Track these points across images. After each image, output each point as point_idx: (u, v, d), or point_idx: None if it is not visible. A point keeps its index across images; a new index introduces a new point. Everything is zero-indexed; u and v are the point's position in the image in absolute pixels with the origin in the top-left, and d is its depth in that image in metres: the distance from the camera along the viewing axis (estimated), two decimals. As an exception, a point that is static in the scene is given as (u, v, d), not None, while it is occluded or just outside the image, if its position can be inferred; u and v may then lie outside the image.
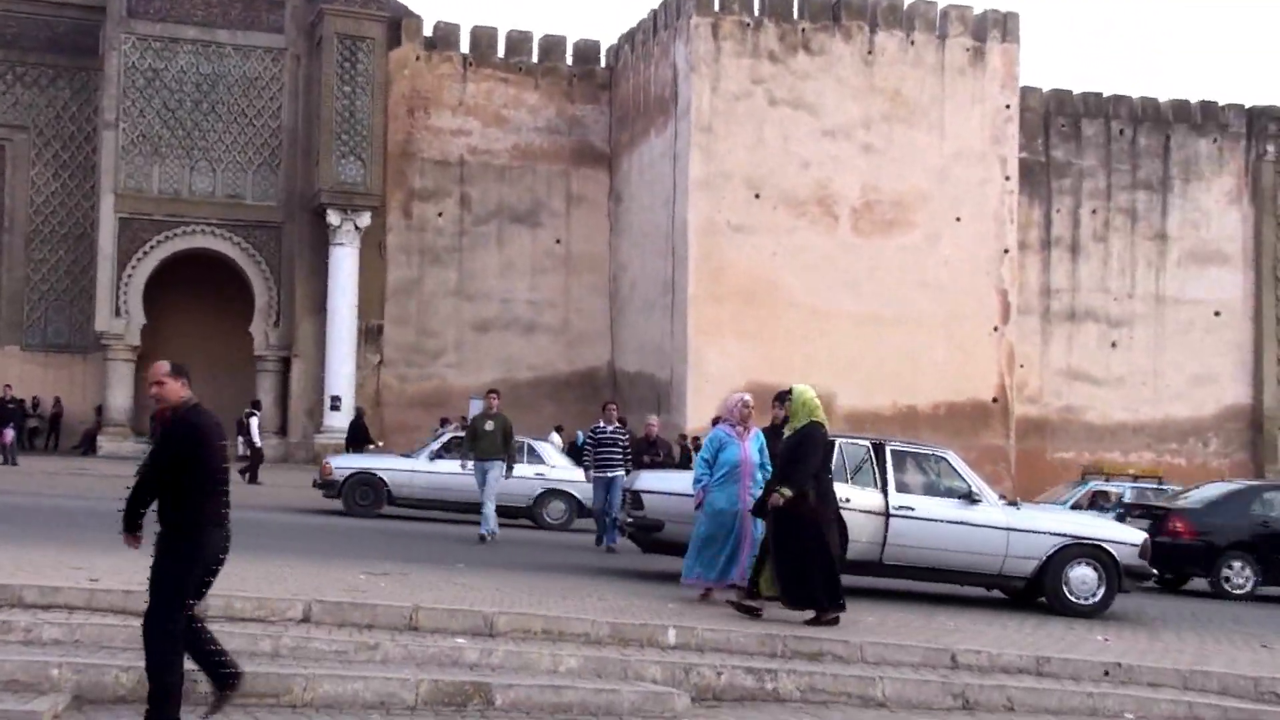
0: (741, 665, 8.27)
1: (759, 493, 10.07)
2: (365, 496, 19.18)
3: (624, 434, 16.25)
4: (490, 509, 15.58)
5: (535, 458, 19.50)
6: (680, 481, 12.87)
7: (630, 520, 12.52)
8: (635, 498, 12.39)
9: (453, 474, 17.81)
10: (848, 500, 11.19)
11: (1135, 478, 22.86)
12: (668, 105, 31.73)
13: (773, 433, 10.71)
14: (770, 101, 30.73)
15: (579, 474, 18.11)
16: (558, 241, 35.19)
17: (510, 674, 7.79)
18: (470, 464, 15.99)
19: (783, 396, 10.69)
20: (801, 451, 9.61)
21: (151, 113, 32.13)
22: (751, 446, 10.44)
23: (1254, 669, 9.40)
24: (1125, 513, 17.30)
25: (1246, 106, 36.55)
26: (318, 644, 7.88)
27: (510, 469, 15.92)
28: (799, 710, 7.88)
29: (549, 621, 8.77)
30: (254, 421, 25.55)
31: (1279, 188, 36.39)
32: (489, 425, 15.78)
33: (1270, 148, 36.30)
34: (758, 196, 30.51)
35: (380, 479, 19.36)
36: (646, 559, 13.31)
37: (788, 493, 9.43)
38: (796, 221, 30.68)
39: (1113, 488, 21.08)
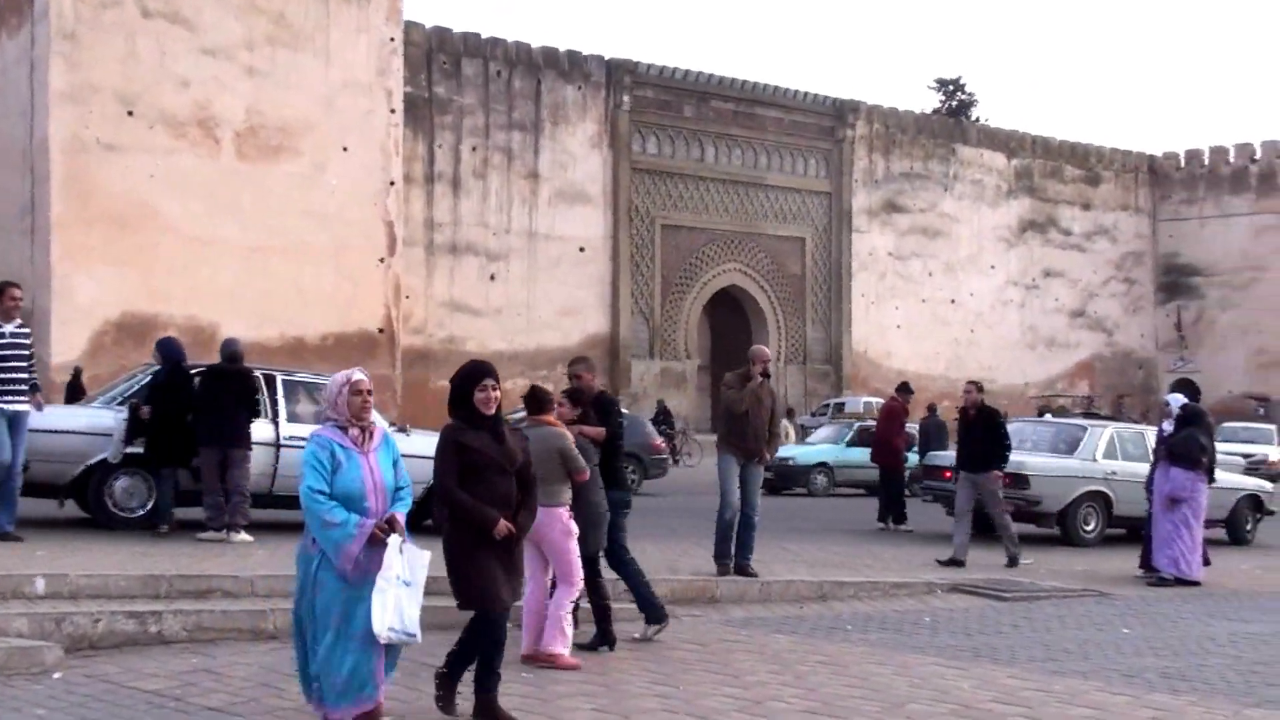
0: (122, 610, 7.86)
1: (397, 537, 5.90)
2: None
3: None
4: None
5: None
6: (50, 418, 11.98)
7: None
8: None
9: None
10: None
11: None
12: (21, 5, 28.61)
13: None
14: (143, 13, 28.67)
15: None
16: (-113, 152, 30.79)
17: None
18: None
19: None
20: None
21: None
22: (381, 461, 6.12)
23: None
24: None
25: (606, 58, 39.57)
26: None
27: None
28: (184, 650, 7.64)
29: (-112, 582, 7.78)
30: None
31: (633, 135, 39.90)
32: None
33: (626, 98, 39.61)
34: (131, 114, 28.45)
35: None
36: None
37: None
38: (176, 143, 29.02)
39: None
